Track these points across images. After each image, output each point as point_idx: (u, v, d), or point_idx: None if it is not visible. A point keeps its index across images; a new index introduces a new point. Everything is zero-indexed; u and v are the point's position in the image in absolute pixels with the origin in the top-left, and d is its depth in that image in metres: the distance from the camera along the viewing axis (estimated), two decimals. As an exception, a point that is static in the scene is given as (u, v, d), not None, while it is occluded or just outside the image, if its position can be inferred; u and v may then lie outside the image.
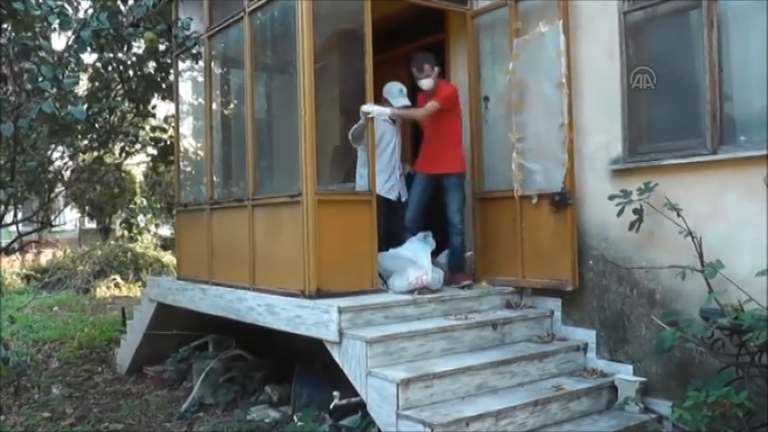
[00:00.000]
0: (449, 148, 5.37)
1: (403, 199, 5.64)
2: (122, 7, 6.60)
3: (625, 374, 4.58)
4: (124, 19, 6.45)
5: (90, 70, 6.90)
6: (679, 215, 4.17)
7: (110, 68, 6.84)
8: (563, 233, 4.93)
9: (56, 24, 5.66)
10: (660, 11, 4.61)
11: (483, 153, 5.71)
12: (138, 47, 6.87)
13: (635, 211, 4.37)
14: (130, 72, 7.02)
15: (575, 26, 4.99)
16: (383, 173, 5.43)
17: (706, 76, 4.27)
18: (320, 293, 4.68)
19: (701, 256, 4.10)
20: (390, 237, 5.40)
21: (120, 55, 6.68)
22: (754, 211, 4.03)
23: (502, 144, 5.45)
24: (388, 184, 5.56)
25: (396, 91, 5.56)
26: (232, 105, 6.47)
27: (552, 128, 5.01)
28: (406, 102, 5.51)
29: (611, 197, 4.45)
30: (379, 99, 5.01)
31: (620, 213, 4.40)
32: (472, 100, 5.76)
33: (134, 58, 6.91)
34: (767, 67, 4.02)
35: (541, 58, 5.07)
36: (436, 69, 5.34)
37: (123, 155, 8.34)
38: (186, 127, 7.28)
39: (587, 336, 4.88)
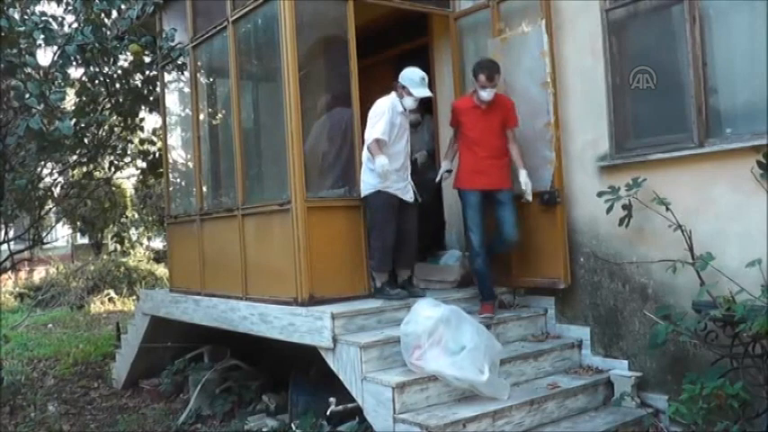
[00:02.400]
0: (503, 159, 4.98)
1: (418, 200, 5.08)
2: (106, 20, 6.59)
3: (620, 370, 4.58)
4: (109, 32, 6.45)
5: (76, 85, 6.88)
6: (668, 209, 4.18)
7: (96, 82, 6.83)
8: (553, 232, 4.94)
9: (41, 40, 5.65)
10: (642, 7, 4.63)
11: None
12: (125, 59, 6.87)
13: (624, 207, 4.39)
14: (117, 85, 7.01)
15: (558, 25, 5.02)
16: (396, 167, 4.83)
17: (690, 71, 4.29)
18: (313, 300, 4.68)
19: (691, 249, 4.12)
20: (404, 242, 5.01)
21: (106, 68, 6.67)
22: (742, 203, 4.06)
23: None
24: (401, 184, 4.93)
25: (418, 79, 4.80)
26: (219, 115, 6.46)
27: (538, 127, 5.03)
28: (428, 93, 4.91)
29: (600, 194, 4.46)
30: (365, 103, 4.99)
31: (609, 210, 4.41)
32: (458, 101, 5.76)
33: (120, 72, 6.91)
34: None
35: (525, 59, 5.09)
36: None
37: (112, 169, 8.32)
38: (174, 138, 7.29)
39: (581, 333, 4.88)
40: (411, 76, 4.82)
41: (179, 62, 6.39)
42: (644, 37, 4.72)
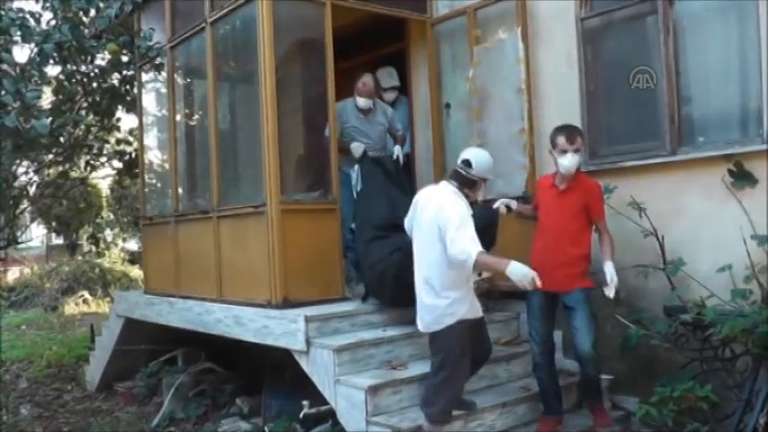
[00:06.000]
0: (577, 254, 4.05)
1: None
2: (84, 19, 6.53)
3: (592, 373, 4.61)
4: (87, 30, 6.39)
5: (53, 83, 6.81)
6: (642, 215, 4.25)
7: (73, 81, 6.76)
8: (526, 236, 4.95)
9: (17, 37, 5.59)
10: (617, 17, 4.70)
11: (445, 160, 5.73)
12: (102, 59, 6.82)
13: (597, 213, 4.43)
14: (94, 84, 6.95)
15: (533, 33, 5.07)
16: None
17: (664, 80, 4.37)
18: (287, 303, 4.67)
19: (663, 254, 4.19)
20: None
21: (83, 67, 6.61)
22: (714, 210, 4.14)
23: (463, 150, 5.43)
24: None
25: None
26: (195, 116, 6.43)
27: (513, 133, 5.07)
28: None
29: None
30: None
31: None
32: (433, 107, 5.81)
33: (97, 71, 6.85)
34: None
35: (501, 65, 5.14)
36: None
37: (89, 169, 8.24)
38: (150, 139, 7.23)
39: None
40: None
41: (156, 62, 6.37)
42: (619, 46, 4.81)
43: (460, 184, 3.74)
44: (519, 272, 3.27)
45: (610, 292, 3.90)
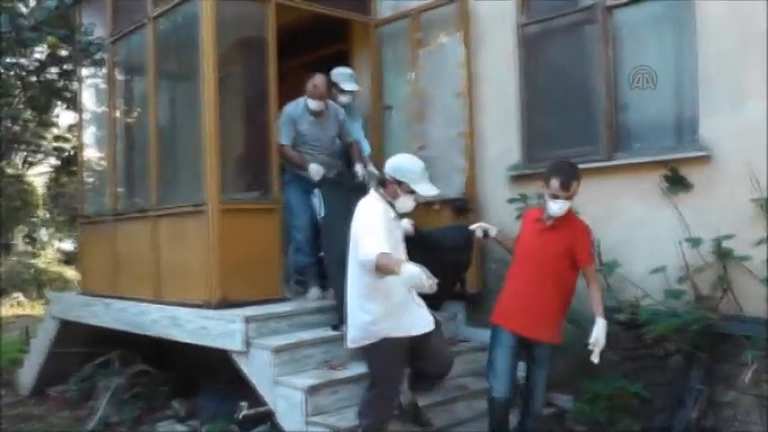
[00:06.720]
0: (556, 301, 3.71)
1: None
2: (23, 9, 6.34)
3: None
4: (25, 22, 6.20)
5: (-11, 75, 6.59)
6: (577, 217, 4.34)
7: (11, 74, 6.55)
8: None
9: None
10: (557, 24, 4.81)
11: (386, 161, 5.72)
12: (40, 52, 6.63)
13: (534, 216, 4.52)
14: (32, 78, 6.75)
15: (475, 38, 5.15)
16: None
17: (601, 87, 4.49)
18: (225, 303, 4.62)
19: (599, 256, 4.28)
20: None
21: (22, 60, 6.41)
22: (649, 214, 4.27)
23: (404, 152, 5.38)
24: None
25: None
26: (135, 113, 6.31)
27: (453, 136, 5.15)
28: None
29: (511, 201, 4.60)
30: (283, 105, 4.99)
31: (518, 217, 4.53)
32: (375, 109, 5.85)
33: (37, 64, 6.65)
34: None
35: (442, 69, 5.21)
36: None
37: (26, 165, 8.00)
38: (89, 136, 7.06)
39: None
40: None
41: (97, 58, 6.21)
42: (558, 53, 4.92)
43: (379, 184, 3.65)
44: (409, 273, 2.96)
45: (595, 357, 3.49)
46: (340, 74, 5.40)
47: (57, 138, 7.81)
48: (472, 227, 4.05)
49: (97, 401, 6.05)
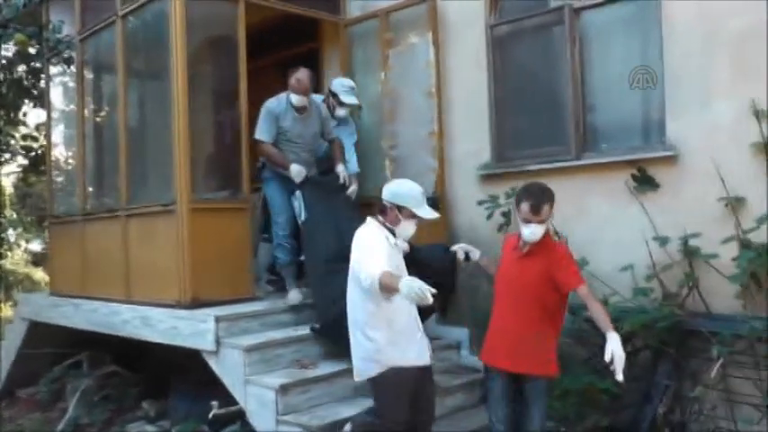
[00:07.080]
0: (542, 331, 3.47)
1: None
2: (-9, 6, 6.25)
3: (497, 369, 4.72)
4: (-7, 19, 6.12)
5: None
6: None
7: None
8: (435, 237, 5.04)
9: None
10: (525, 25, 4.86)
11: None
12: (7, 49, 6.54)
13: (504, 215, 4.58)
14: (0, 76, 6.66)
15: (444, 38, 5.19)
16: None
17: (569, 88, 4.54)
18: (196, 303, 4.61)
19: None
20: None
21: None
22: (616, 212, 4.33)
23: (375, 151, 5.54)
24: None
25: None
26: (104, 112, 6.25)
27: (423, 136, 5.19)
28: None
29: (481, 202, 4.65)
30: (255, 104, 4.97)
31: (489, 217, 4.60)
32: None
33: (4, 61, 6.56)
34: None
35: (412, 69, 5.25)
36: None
37: (-6, 165, 7.89)
38: (58, 135, 6.97)
39: (461, 334, 5.05)
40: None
41: (65, 55, 6.14)
42: (527, 53, 4.96)
43: (379, 213, 3.52)
44: (408, 286, 2.87)
45: (618, 375, 3.12)
46: (341, 85, 5.16)
47: (25, 137, 7.71)
48: (453, 248, 3.97)
49: (67, 403, 6.00)
